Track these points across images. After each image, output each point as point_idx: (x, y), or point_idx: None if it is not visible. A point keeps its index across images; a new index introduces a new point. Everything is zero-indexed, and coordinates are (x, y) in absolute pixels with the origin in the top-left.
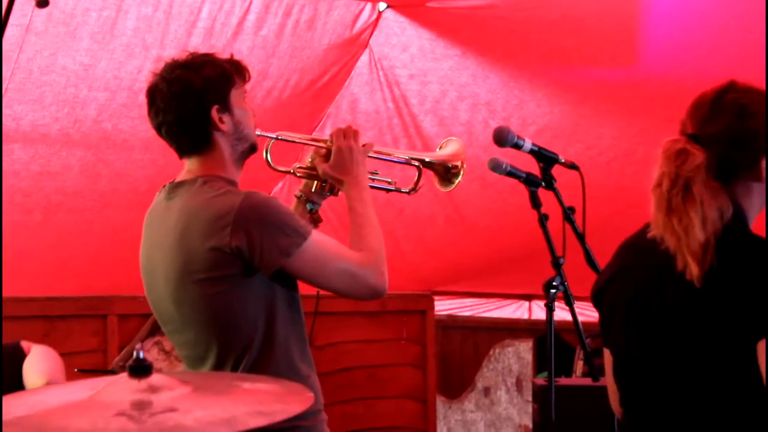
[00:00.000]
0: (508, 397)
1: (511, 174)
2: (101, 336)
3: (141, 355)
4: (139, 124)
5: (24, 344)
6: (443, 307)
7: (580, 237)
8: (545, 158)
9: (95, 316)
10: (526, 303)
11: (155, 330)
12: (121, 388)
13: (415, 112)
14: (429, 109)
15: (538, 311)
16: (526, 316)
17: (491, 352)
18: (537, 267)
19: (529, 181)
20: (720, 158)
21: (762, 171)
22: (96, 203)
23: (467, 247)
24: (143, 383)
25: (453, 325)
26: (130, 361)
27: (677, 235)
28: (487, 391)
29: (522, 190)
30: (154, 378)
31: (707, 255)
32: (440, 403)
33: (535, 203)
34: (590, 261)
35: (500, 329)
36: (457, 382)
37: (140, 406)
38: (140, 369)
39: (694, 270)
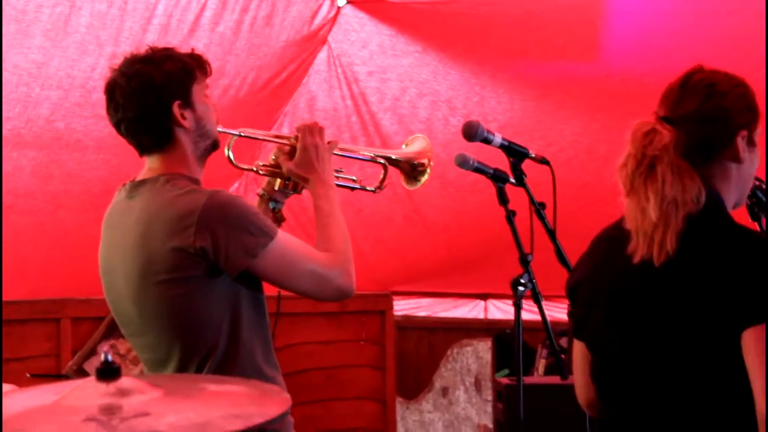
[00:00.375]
0: (466, 396)
1: (478, 170)
2: (55, 340)
3: (109, 357)
4: (92, 123)
5: None
6: (398, 307)
7: (551, 233)
8: (515, 153)
9: (48, 320)
10: (482, 302)
11: (110, 333)
12: (88, 392)
13: (374, 109)
14: (388, 107)
15: (494, 311)
16: (481, 316)
17: (449, 352)
18: (494, 266)
19: (497, 177)
20: (692, 137)
21: (739, 150)
22: (48, 205)
23: (425, 246)
24: (111, 387)
25: (409, 325)
26: (99, 364)
27: (635, 216)
28: (445, 391)
29: (481, 189)
30: (123, 381)
31: (666, 237)
32: (398, 403)
33: (503, 200)
34: (561, 257)
35: (456, 329)
36: (413, 382)
37: (110, 410)
38: (108, 372)
39: (643, 251)
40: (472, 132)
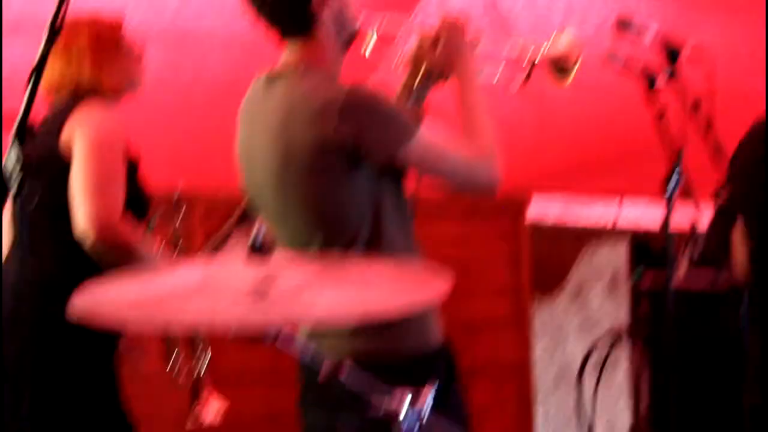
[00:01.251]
0: (601, 297)
1: (627, 64)
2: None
3: (261, 235)
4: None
5: None
6: (532, 208)
7: (707, 129)
8: (671, 46)
9: None
10: (616, 205)
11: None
12: (238, 270)
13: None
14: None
15: (628, 213)
16: (615, 218)
17: (583, 252)
18: (629, 169)
19: (646, 72)
20: None
21: None
22: (177, 98)
23: (557, 149)
24: (264, 264)
25: (540, 226)
26: (250, 241)
27: None
28: (578, 290)
29: (616, 90)
30: (276, 260)
31: None
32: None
33: (652, 96)
34: (717, 150)
35: (589, 230)
36: (546, 281)
37: (263, 287)
38: (261, 248)
39: None
40: (626, 23)
